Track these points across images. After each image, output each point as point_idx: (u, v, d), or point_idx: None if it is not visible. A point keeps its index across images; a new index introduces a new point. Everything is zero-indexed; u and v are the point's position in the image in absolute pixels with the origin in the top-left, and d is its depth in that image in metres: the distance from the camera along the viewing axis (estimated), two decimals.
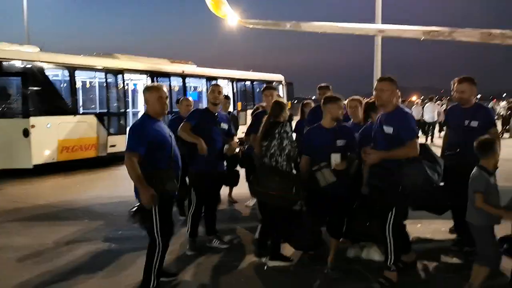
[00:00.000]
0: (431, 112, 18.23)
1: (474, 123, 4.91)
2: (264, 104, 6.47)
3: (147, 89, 4.30)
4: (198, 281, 4.56)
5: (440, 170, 4.19)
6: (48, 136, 10.85)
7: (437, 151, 4.77)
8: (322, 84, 6.40)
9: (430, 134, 18.28)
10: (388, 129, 4.15)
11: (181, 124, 5.34)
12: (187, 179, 5.56)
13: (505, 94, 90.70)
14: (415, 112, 17.67)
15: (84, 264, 4.98)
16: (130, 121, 13.19)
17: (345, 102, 5.40)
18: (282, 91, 18.71)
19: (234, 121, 7.27)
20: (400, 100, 5.17)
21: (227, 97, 7.65)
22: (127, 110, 13.84)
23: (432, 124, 18.35)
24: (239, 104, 17.13)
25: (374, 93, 4.44)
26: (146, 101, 4.21)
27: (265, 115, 5.27)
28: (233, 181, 6.46)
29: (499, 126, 21.25)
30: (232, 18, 12.77)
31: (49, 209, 7.60)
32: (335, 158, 4.46)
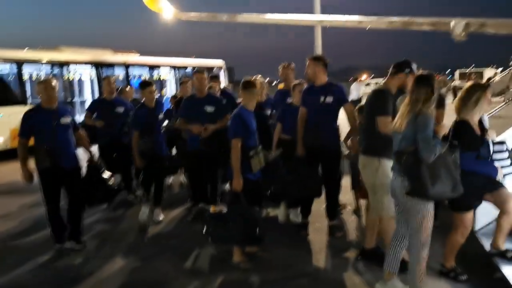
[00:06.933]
0: (356, 91, 20.15)
1: (329, 99, 5.11)
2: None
3: (37, 83, 5.05)
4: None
5: None
6: (1, 125, 11.90)
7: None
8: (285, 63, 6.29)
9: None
10: (211, 109, 5.86)
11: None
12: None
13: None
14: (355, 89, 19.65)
15: (43, 222, 6.15)
16: (77, 110, 14.27)
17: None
18: (223, 75, 19.97)
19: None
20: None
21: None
22: (74, 100, 14.96)
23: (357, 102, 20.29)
24: None
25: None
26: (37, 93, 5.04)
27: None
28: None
29: None
30: (168, 12, 13.95)
31: (9, 186, 8.80)
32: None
